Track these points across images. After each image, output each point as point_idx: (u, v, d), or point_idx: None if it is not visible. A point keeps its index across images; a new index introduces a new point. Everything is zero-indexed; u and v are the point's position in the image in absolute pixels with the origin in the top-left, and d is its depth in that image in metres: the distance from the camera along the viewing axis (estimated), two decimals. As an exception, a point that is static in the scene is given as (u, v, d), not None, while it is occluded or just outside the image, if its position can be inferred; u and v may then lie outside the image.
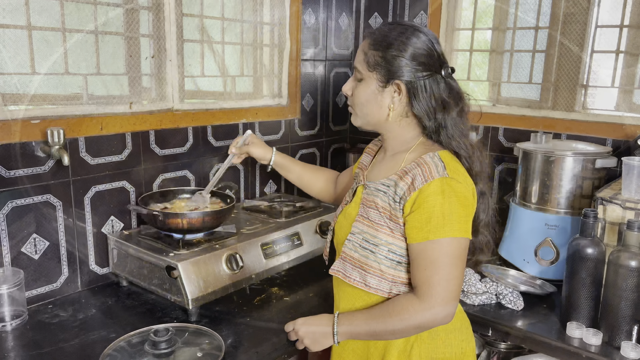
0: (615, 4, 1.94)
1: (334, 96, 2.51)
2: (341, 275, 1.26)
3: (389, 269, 1.19)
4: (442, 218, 1.11)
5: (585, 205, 1.67)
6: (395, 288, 1.20)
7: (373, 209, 1.21)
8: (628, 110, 1.94)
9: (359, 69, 1.23)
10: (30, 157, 1.46)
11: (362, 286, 1.22)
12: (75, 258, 1.60)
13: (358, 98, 1.25)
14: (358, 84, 1.25)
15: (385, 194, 1.20)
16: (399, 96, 1.20)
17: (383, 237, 1.19)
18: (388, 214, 1.18)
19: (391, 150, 1.29)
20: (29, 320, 1.43)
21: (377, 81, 1.20)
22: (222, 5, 1.98)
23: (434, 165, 1.15)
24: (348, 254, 1.25)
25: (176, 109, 1.83)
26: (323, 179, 1.65)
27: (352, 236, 1.24)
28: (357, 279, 1.23)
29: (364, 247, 1.21)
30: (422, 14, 2.30)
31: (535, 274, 1.73)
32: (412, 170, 1.16)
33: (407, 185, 1.15)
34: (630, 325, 1.34)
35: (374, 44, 1.20)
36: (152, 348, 1.20)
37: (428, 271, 1.13)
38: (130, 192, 1.71)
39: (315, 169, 1.69)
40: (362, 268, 1.22)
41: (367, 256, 1.21)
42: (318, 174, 1.67)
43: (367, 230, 1.21)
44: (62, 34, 1.54)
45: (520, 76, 2.16)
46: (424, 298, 1.13)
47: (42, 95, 1.54)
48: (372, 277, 1.21)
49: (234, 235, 1.66)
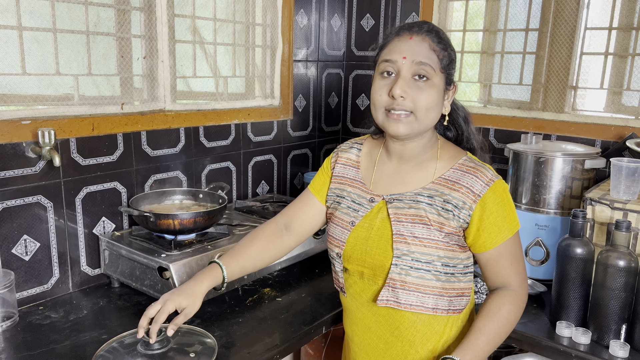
0: (604, 6, 1.97)
1: (327, 97, 2.51)
2: (393, 304, 1.16)
3: (445, 284, 1.15)
4: (512, 214, 1.15)
5: (575, 206, 1.69)
6: (451, 303, 1.18)
7: (419, 224, 1.13)
8: (617, 112, 1.96)
9: (430, 67, 1.09)
10: (21, 157, 1.45)
11: (420, 309, 1.15)
12: (66, 259, 1.59)
13: (425, 101, 1.10)
14: (420, 85, 1.10)
15: (431, 205, 1.14)
16: (448, 99, 1.18)
17: (434, 252, 1.13)
18: (438, 225, 1.13)
19: (413, 159, 1.20)
20: (20, 322, 1.42)
21: (444, 84, 1.14)
22: (214, 6, 1.98)
23: (481, 167, 1.16)
24: (398, 279, 1.14)
25: (168, 109, 1.82)
26: (264, 243, 1.34)
27: (399, 260, 1.13)
28: (414, 303, 1.15)
29: (417, 267, 1.13)
30: (413, 15, 2.31)
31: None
32: (460, 179, 1.14)
33: (462, 194, 1.13)
34: (619, 325, 1.35)
35: (442, 44, 1.12)
36: (145, 348, 1.19)
37: (514, 264, 1.17)
38: (121, 193, 1.71)
39: (250, 244, 1.33)
40: (419, 290, 1.14)
41: (422, 277, 1.13)
42: (258, 246, 1.33)
43: (415, 249, 1.13)
44: (53, 34, 1.53)
45: (510, 77, 2.18)
46: (520, 287, 1.18)
47: (32, 96, 1.53)
48: (429, 297, 1.15)
49: (226, 236, 1.66)
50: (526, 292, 1.20)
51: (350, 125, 2.62)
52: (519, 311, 1.17)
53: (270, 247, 1.34)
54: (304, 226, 1.35)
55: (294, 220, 1.35)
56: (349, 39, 2.53)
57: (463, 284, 1.19)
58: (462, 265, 1.17)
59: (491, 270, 1.18)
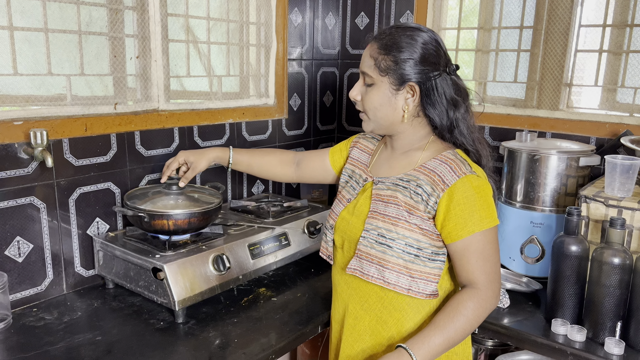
0: (599, 4, 1.97)
1: (322, 96, 2.51)
2: (359, 274, 1.26)
3: (408, 263, 1.20)
4: (482, 211, 1.17)
5: (570, 203, 1.69)
6: (414, 284, 1.21)
7: (392, 204, 1.22)
8: (611, 109, 1.96)
9: (369, 74, 1.23)
10: (13, 158, 1.44)
11: (381, 282, 1.23)
12: (60, 260, 1.59)
13: (370, 103, 1.25)
14: (368, 89, 1.25)
15: (406, 189, 1.22)
16: (412, 97, 1.21)
17: (400, 232, 1.20)
18: (408, 207, 1.21)
19: (401, 149, 1.31)
20: (13, 324, 1.41)
21: (390, 85, 1.21)
22: (208, 5, 1.97)
23: (460, 162, 1.19)
24: (364, 251, 1.25)
25: (162, 109, 1.82)
26: (277, 161, 1.64)
27: (367, 233, 1.24)
28: (375, 275, 1.23)
29: (380, 242, 1.22)
30: (408, 13, 2.30)
31: (521, 271, 1.75)
32: (437, 167, 1.20)
33: (433, 181, 1.19)
34: (614, 322, 1.36)
35: (384, 49, 1.21)
36: (168, 189, 1.61)
37: (480, 261, 1.18)
38: (115, 193, 1.70)
39: (265, 154, 1.68)
40: (380, 264, 1.22)
41: (384, 251, 1.21)
42: (270, 158, 1.65)
43: (383, 225, 1.22)
44: (44, 34, 1.52)
45: (505, 75, 2.18)
46: (484, 287, 1.18)
47: (24, 96, 1.52)
48: (390, 272, 1.21)
49: (221, 236, 1.65)
50: (494, 293, 1.19)
51: (345, 124, 2.61)
52: (481, 311, 1.18)
53: (277, 167, 1.63)
54: (308, 171, 1.59)
55: (304, 162, 1.60)
56: (344, 38, 2.52)
57: (428, 268, 1.21)
58: (429, 250, 1.20)
59: (457, 264, 1.21)
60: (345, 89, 2.58)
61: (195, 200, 1.64)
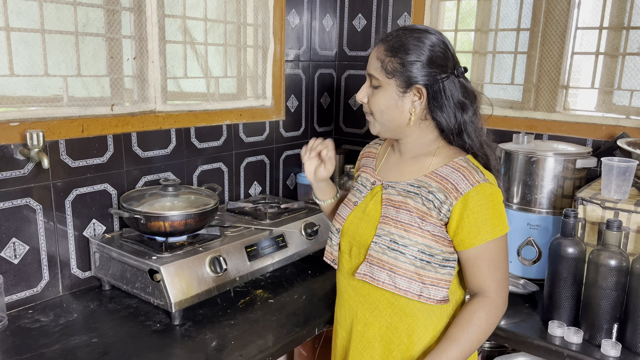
0: (595, 6, 1.97)
1: (319, 97, 2.51)
2: (369, 279, 1.23)
3: (419, 269, 1.19)
4: (495, 219, 1.16)
5: (567, 205, 1.70)
6: (425, 290, 1.20)
7: (404, 210, 1.21)
8: (608, 111, 1.97)
9: (375, 76, 1.21)
10: (9, 160, 1.43)
11: (392, 288, 1.20)
12: (56, 262, 1.58)
13: (377, 105, 1.23)
14: (375, 91, 1.22)
15: (417, 195, 1.21)
16: (419, 100, 1.20)
17: (413, 238, 1.19)
18: (420, 214, 1.19)
19: (409, 153, 1.28)
20: (9, 326, 1.41)
21: (397, 87, 1.19)
22: (205, 6, 1.96)
23: (473, 169, 1.18)
24: (375, 256, 1.22)
25: (159, 110, 1.81)
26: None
27: (379, 238, 1.22)
28: (386, 281, 1.21)
29: (393, 248, 1.20)
30: (405, 15, 2.31)
31: (518, 273, 1.75)
32: (449, 175, 1.18)
33: (446, 189, 1.17)
34: (610, 324, 1.36)
35: (390, 50, 1.19)
36: (164, 190, 1.61)
37: (492, 269, 1.18)
38: (112, 194, 1.70)
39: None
40: (392, 270, 1.20)
41: (396, 257, 1.20)
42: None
43: (395, 231, 1.20)
44: (41, 35, 1.52)
45: (502, 77, 2.18)
46: (495, 294, 1.18)
47: (21, 97, 1.52)
48: (401, 278, 1.20)
49: (218, 237, 1.65)
50: (503, 300, 1.20)
51: (342, 126, 2.61)
52: (493, 319, 1.18)
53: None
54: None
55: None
56: (341, 39, 2.52)
57: (440, 274, 1.21)
58: (440, 256, 1.20)
59: (469, 271, 1.21)
60: (342, 90, 2.58)
61: (192, 201, 1.64)
